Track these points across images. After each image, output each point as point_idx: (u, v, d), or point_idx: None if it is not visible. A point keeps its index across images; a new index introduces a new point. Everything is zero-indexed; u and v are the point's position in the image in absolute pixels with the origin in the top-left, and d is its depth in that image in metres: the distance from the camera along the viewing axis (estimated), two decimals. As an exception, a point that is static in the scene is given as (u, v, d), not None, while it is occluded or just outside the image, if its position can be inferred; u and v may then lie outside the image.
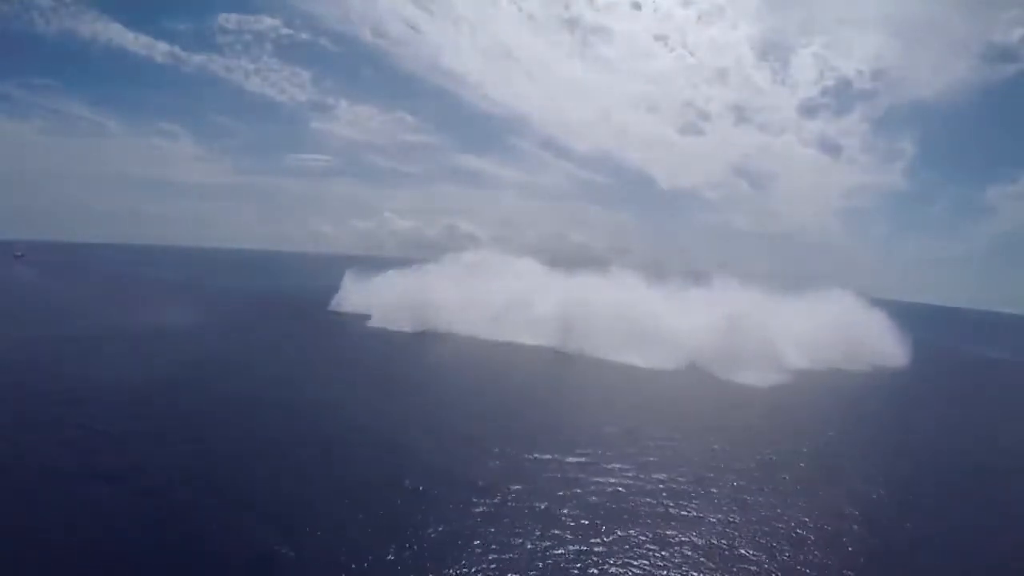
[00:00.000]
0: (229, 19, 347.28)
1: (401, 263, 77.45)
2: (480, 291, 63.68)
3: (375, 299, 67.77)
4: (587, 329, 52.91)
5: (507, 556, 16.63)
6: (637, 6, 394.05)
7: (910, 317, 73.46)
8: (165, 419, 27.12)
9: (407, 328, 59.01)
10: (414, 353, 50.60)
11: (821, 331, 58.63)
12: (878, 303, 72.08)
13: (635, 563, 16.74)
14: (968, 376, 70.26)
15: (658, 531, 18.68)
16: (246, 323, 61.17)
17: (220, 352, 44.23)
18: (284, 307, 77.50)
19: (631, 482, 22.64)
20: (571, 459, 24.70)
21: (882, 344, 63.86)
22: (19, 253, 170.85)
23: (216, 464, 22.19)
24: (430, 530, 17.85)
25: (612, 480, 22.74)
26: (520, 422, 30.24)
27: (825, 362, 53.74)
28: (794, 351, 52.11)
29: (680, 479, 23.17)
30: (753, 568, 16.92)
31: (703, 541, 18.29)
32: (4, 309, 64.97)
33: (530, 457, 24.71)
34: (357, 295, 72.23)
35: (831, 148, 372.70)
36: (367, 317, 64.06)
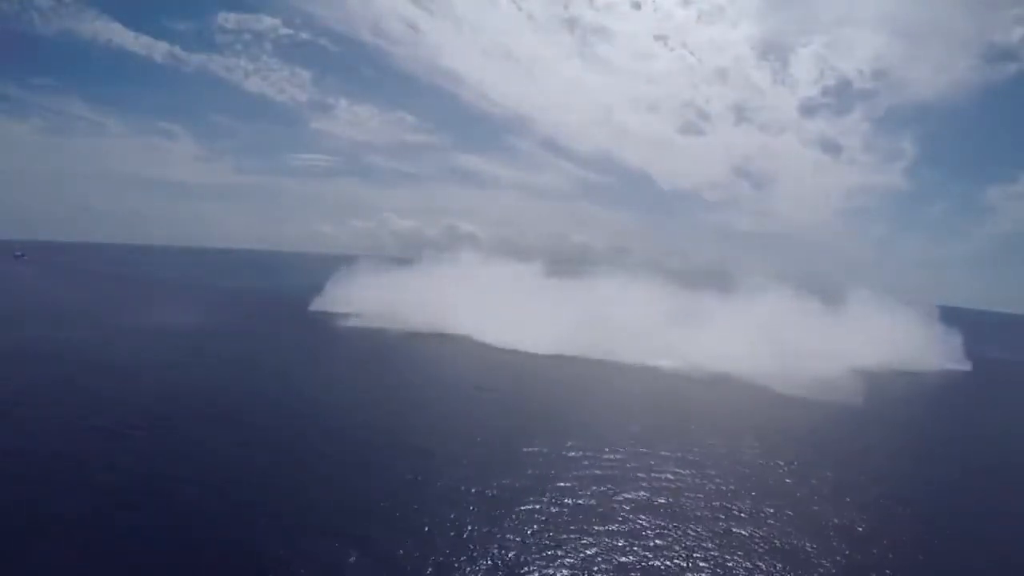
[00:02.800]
0: (228, 19, 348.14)
1: (400, 262, 77.26)
2: (477, 294, 61.21)
3: (360, 298, 66.11)
4: (607, 334, 49.82)
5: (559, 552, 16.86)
6: (637, 6, 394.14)
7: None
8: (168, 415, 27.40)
9: (402, 328, 57.11)
10: (417, 354, 49.92)
11: (858, 335, 56.19)
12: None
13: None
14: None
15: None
16: (241, 323, 61.35)
17: (215, 351, 44.41)
18: (282, 307, 77.39)
19: (684, 480, 23.06)
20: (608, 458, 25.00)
21: (932, 347, 61.71)
22: (19, 253, 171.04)
23: (217, 456, 22.37)
24: (475, 528, 18.02)
25: (669, 477, 23.30)
26: (555, 424, 29.70)
27: (869, 367, 51.31)
28: (831, 357, 48.65)
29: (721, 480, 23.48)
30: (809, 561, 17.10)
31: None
32: (6, 310, 65.02)
33: (569, 455, 24.92)
34: (343, 294, 70.10)
35: (832, 148, 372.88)
36: (356, 316, 62.54)
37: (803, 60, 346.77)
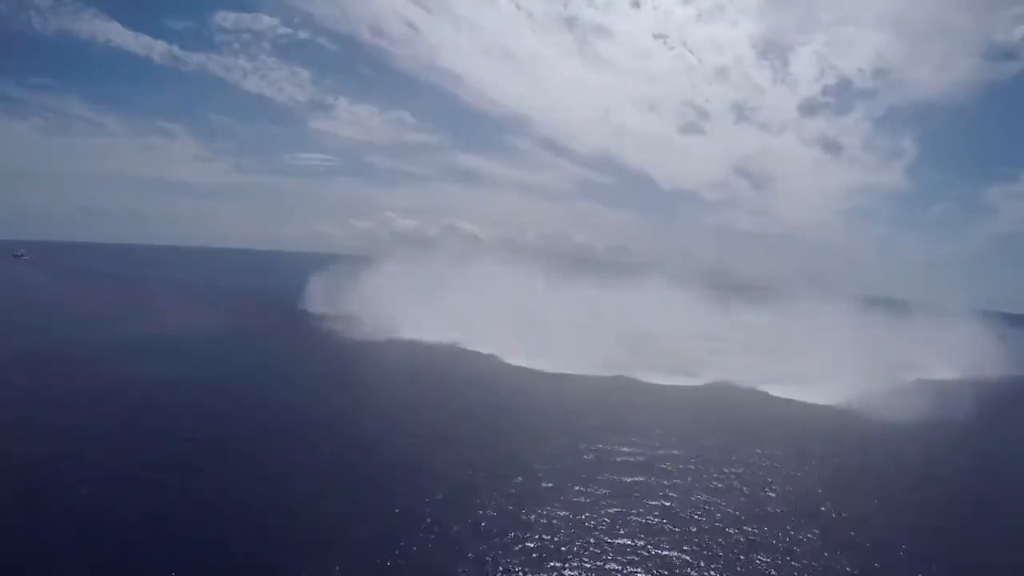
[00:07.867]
0: (227, 18, 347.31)
1: (400, 261, 76.89)
2: (497, 302, 56.33)
3: (361, 300, 63.70)
4: (672, 355, 45.56)
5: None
6: (636, 4, 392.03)
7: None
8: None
9: (417, 342, 52.66)
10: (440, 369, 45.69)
11: (930, 346, 54.84)
12: (879, 302, 69.62)
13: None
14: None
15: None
16: (238, 323, 61.88)
17: (218, 353, 44.91)
18: (278, 310, 76.62)
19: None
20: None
21: (999, 354, 60.75)
22: (19, 253, 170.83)
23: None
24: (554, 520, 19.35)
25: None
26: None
27: (951, 378, 50.08)
28: (909, 372, 47.09)
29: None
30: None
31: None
32: (7, 309, 65.03)
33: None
34: (331, 295, 67.48)
35: (832, 147, 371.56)
36: (359, 323, 59.30)
37: (803, 59, 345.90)
